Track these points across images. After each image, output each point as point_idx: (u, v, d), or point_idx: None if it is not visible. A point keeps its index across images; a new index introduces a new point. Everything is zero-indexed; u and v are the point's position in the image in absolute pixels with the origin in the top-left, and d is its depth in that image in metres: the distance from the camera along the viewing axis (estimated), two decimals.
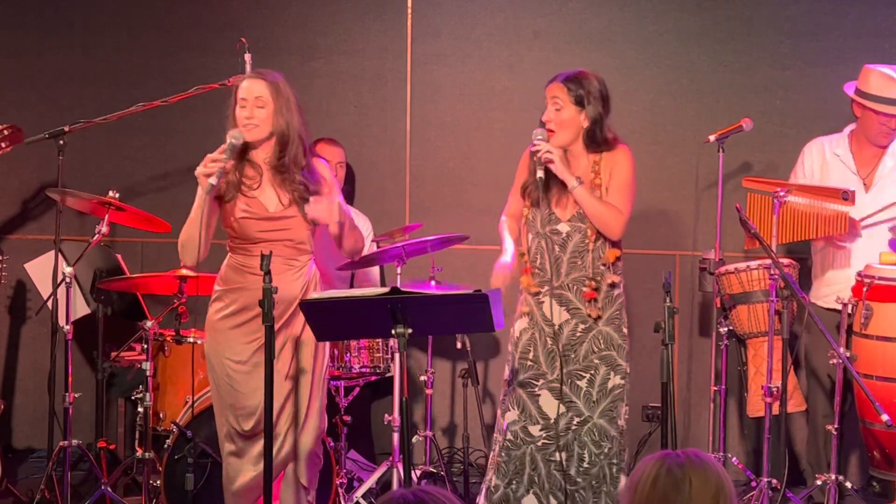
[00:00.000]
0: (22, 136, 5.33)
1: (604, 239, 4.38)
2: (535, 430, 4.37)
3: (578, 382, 4.33)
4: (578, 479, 4.33)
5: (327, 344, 4.39)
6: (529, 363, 4.41)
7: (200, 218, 4.08)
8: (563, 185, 4.35)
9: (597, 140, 4.36)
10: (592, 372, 4.33)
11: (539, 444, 4.36)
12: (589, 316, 4.37)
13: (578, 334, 4.35)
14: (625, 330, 4.43)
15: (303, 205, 4.21)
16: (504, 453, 4.43)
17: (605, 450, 4.35)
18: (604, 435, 4.35)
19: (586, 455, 4.33)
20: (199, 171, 4.09)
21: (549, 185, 4.36)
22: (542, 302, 4.41)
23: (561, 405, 4.34)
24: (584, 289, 4.36)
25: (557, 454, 4.33)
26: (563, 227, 4.39)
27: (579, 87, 4.35)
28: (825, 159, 5.39)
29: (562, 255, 4.39)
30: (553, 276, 4.37)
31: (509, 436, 4.42)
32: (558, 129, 4.36)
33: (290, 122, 4.22)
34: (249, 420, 4.22)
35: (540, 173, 4.30)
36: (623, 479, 4.35)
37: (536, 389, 4.38)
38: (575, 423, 4.33)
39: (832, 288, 5.33)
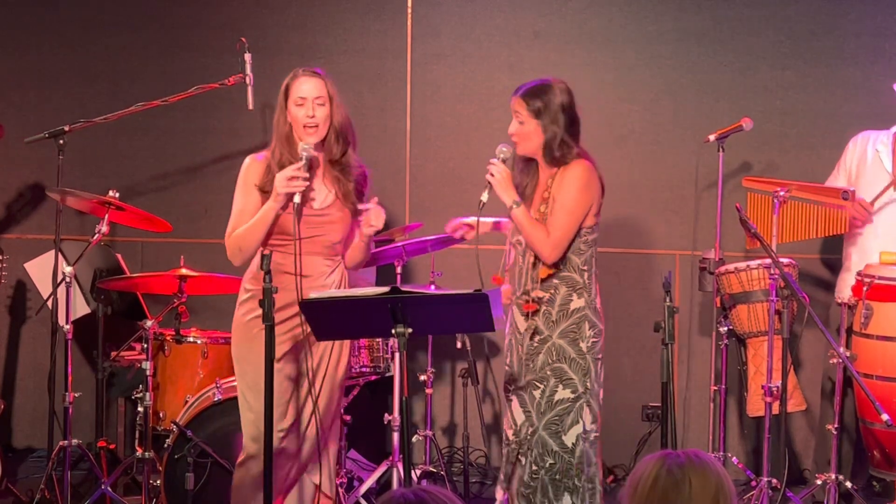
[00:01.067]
0: (2, 131, 5.34)
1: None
2: (509, 433, 4.36)
3: (534, 392, 4.27)
4: (532, 485, 4.29)
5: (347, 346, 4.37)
6: (506, 367, 4.41)
7: (269, 222, 4.09)
8: (533, 195, 4.30)
9: (552, 155, 4.25)
10: (544, 383, 4.26)
11: (512, 446, 4.35)
12: (535, 330, 4.27)
13: (535, 345, 4.29)
14: (582, 345, 4.23)
15: (349, 205, 4.21)
16: (504, 450, 4.44)
17: (547, 465, 4.24)
18: (546, 449, 4.24)
19: (533, 464, 4.28)
20: (283, 187, 4.06)
21: (523, 195, 4.32)
22: (513, 309, 4.39)
23: (523, 413, 4.31)
24: (521, 301, 4.31)
25: (522, 458, 4.31)
26: (524, 238, 4.34)
27: (537, 101, 4.24)
28: (865, 153, 5.34)
29: (522, 265, 4.35)
30: (515, 286, 4.34)
31: (504, 441, 4.43)
32: (520, 141, 4.29)
33: (346, 116, 4.25)
34: (280, 420, 4.20)
35: (484, 196, 4.23)
36: (567, 500, 4.22)
37: (510, 394, 4.37)
38: (529, 431, 4.29)
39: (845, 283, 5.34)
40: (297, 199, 4.06)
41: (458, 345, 5.45)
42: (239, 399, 4.33)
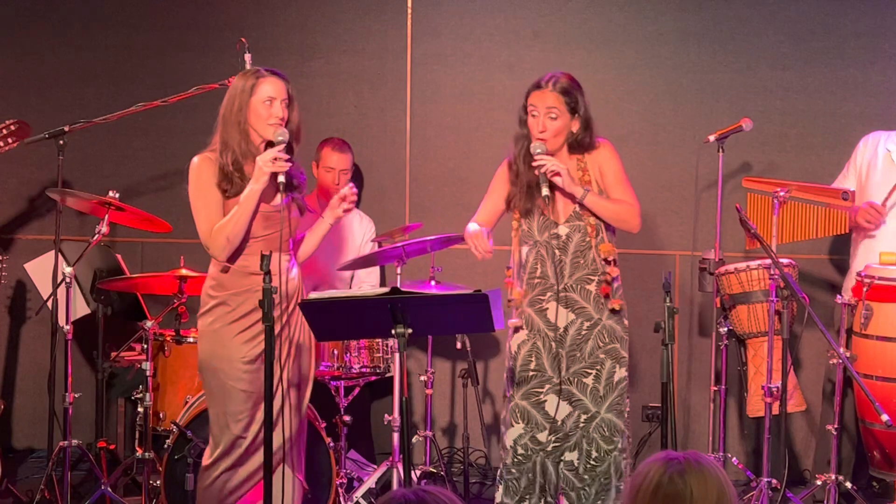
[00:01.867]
0: (29, 131, 5.34)
1: (603, 234, 4.40)
2: (542, 436, 4.37)
3: (585, 380, 4.35)
4: (585, 476, 4.33)
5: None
6: (532, 373, 4.41)
7: (254, 207, 4.12)
8: (552, 187, 4.35)
9: (583, 144, 4.42)
10: (598, 367, 4.36)
11: (549, 448, 4.36)
12: (610, 310, 4.40)
13: (584, 332, 4.38)
14: (626, 322, 4.48)
15: (299, 201, 4.27)
16: (514, 469, 4.42)
17: (618, 444, 4.38)
18: (614, 429, 4.38)
19: (594, 451, 4.33)
20: (269, 167, 4.09)
21: (534, 192, 4.36)
22: (546, 309, 4.41)
23: (567, 405, 4.34)
24: (590, 288, 4.38)
25: (568, 454, 4.34)
26: (563, 230, 4.40)
27: (572, 95, 4.38)
28: (876, 152, 5.34)
29: (563, 258, 4.40)
30: (557, 281, 4.38)
31: (519, 450, 4.42)
32: (554, 136, 4.37)
33: (297, 121, 4.28)
34: (254, 425, 4.21)
35: (545, 190, 4.29)
36: (629, 473, 4.36)
37: (542, 396, 4.38)
38: (582, 420, 4.34)
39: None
40: (281, 178, 4.09)
41: (458, 345, 5.45)
42: (210, 405, 4.31)
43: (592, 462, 4.33)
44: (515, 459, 4.41)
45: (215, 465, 4.27)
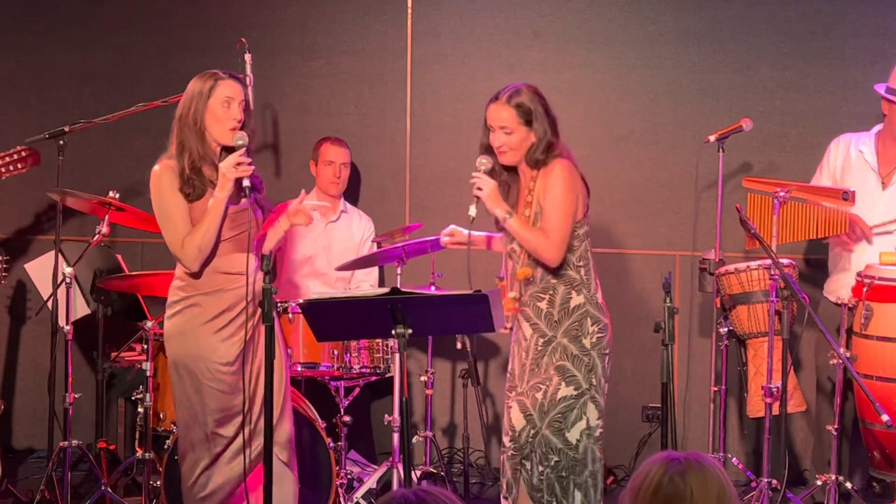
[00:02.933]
0: (39, 158, 5.33)
1: (524, 259, 4.30)
2: (506, 439, 4.35)
3: (536, 394, 4.26)
4: (541, 487, 4.29)
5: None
6: (508, 374, 4.41)
7: (222, 213, 4.11)
8: (517, 203, 4.31)
9: (537, 158, 4.26)
10: (547, 383, 4.26)
11: (509, 453, 4.34)
12: (546, 330, 4.29)
13: (539, 348, 4.29)
14: (585, 341, 4.25)
15: (259, 200, 4.27)
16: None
17: (552, 462, 4.23)
18: (549, 447, 4.23)
19: (539, 465, 4.28)
20: (232, 173, 4.08)
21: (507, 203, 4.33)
22: (517, 318, 4.39)
23: (523, 418, 4.30)
24: (541, 306, 4.28)
25: (526, 462, 4.30)
26: (517, 246, 4.34)
27: (526, 108, 4.24)
28: (849, 154, 5.39)
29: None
30: (518, 293, 4.35)
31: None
32: (509, 151, 4.27)
33: (254, 125, 4.31)
34: (231, 424, 4.21)
35: (472, 211, 4.21)
36: (578, 497, 4.23)
37: (510, 401, 4.36)
38: (531, 434, 4.28)
39: (840, 283, 5.36)
40: (246, 182, 4.08)
41: (458, 345, 5.45)
42: (179, 406, 4.29)
43: (540, 476, 4.28)
44: (502, 450, 4.42)
45: (193, 466, 4.26)
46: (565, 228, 4.21)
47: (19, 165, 5.28)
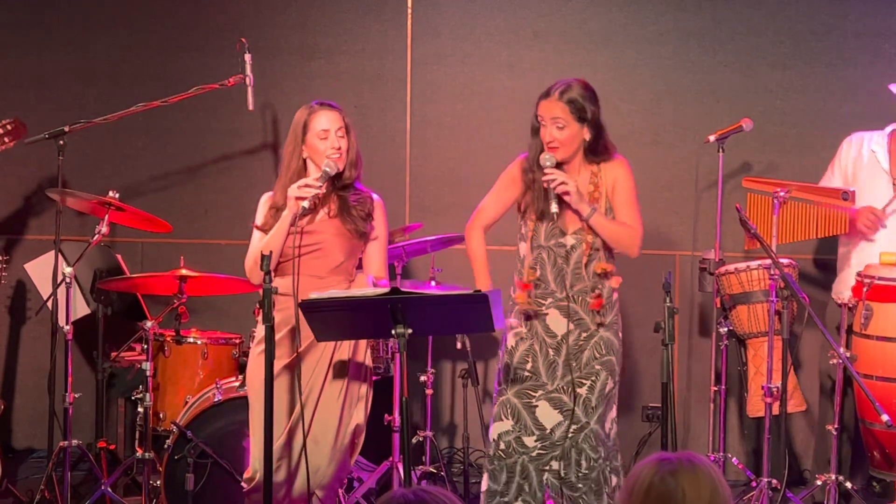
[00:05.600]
0: (25, 129, 5.34)
1: (600, 254, 4.38)
2: (529, 440, 4.35)
3: (579, 390, 4.31)
4: (580, 485, 4.31)
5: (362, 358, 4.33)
6: (527, 374, 4.39)
7: (282, 239, 4.13)
8: (561, 200, 4.33)
9: (597, 151, 4.36)
10: (594, 378, 4.31)
11: (534, 454, 4.34)
12: (598, 324, 4.36)
13: (581, 342, 4.34)
14: (621, 334, 4.44)
15: (349, 226, 4.22)
16: (495, 461, 4.41)
17: (602, 454, 4.34)
18: (599, 440, 4.34)
19: (584, 461, 4.31)
20: (294, 193, 4.13)
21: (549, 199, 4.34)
22: (546, 314, 4.39)
23: (558, 414, 4.32)
24: (589, 299, 4.36)
25: (554, 463, 4.31)
26: (569, 240, 4.37)
27: (581, 104, 4.29)
28: (860, 153, 5.36)
29: (565, 267, 4.38)
30: (558, 288, 4.37)
31: (501, 445, 4.40)
32: (562, 146, 4.32)
33: (355, 150, 4.33)
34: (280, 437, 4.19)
35: (555, 208, 4.26)
36: (615, 481, 4.34)
37: (534, 401, 4.36)
38: (572, 430, 4.30)
39: (846, 284, 5.34)
40: (305, 203, 4.10)
41: (458, 345, 5.45)
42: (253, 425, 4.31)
43: (584, 471, 4.30)
44: (497, 453, 4.40)
45: (252, 476, 4.26)
46: (641, 220, 4.41)
47: (6, 140, 5.28)
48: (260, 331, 4.22)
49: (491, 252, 4.65)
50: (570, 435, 4.30)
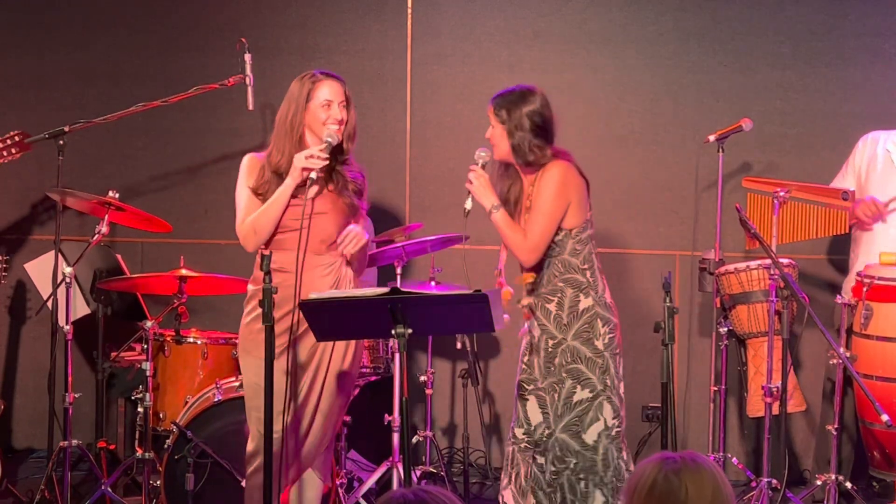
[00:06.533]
0: (29, 145, 5.34)
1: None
2: (518, 432, 4.35)
3: (553, 395, 4.29)
4: (554, 485, 4.30)
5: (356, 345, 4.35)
6: (524, 366, 4.40)
7: (284, 208, 4.13)
8: (520, 201, 4.32)
9: (525, 159, 4.27)
10: (559, 386, 4.28)
11: (521, 445, 4.34)
12: (554, 332, 4.30)
13: (550, 350, 4.30)
14: (598, 343, 4.26)
15: (345, 200, 4.22)
16: (507, 449, 4.44)
17: (571, 465, 4.26)
18: (566, 450, 4.26)
19: (551, 465, 4.29)
20: (301, 163, 4.11)
21: (507, 201, 4.35)
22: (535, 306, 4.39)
23: (541, 413, 4.31)
24: (550, 308, 4.28)
25: (539, 457, 4.31)
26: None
27: (502, 107, 4.29)
28: (875, 152, 5.34)
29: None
30: (527, 298, 4.37)
31: (509, 435, 4.43)
32: (493, 145, 4.34)
33: (353, 122, 4.31)
34: (279, 418, 4.19)
35: (468, 204, 4.26)
36: (598, 496, 4.24)
37: (526, 394, 4.36)
38: (545, 434, 4.30)
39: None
40: (313, 175, 4.10)
41: (458, 345, 5.45)
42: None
43: (553, 475, 4.30)
44: (510, 440, 4.42)
45: (251, 459, 4.27)
46: (545, 231, 4.23)
47: (13, 151, 5.28)
48: (248, 297, 4.27)
49: (490, 252, 4.65)
50: (545, 437, 4.29)
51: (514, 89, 4.35)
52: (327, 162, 4.14)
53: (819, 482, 5.01)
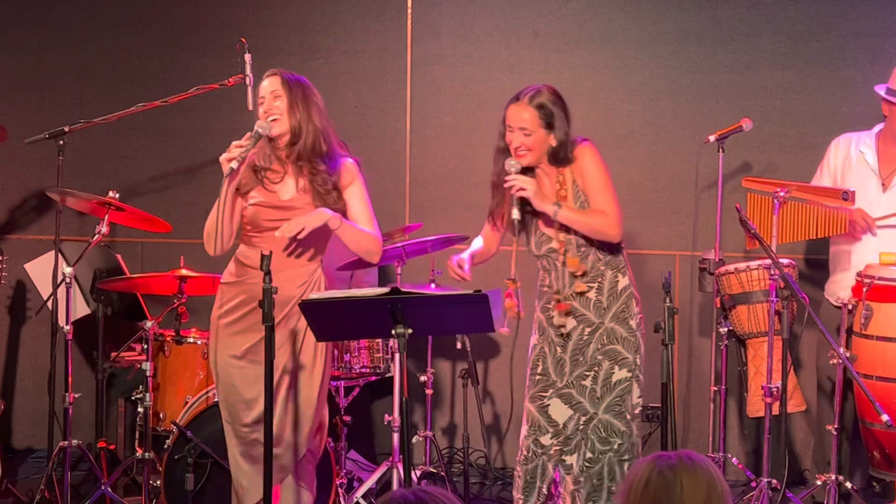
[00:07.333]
0: (5, 133, 5.35)
1: (572, 249, 4.33)
2: (545, 439, 4.36)
3: (584, 382, 4.32)
4: (580, 479, 4.32)
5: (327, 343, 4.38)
6: (538, 377, 4.40)
7: (222, 204, 4.12)
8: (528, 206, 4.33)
9: (559, 158, 4.30)
10: (596, 369, 4.32)
11: (551, 451, 4.35)
12: (593, 319, 4.35)
13: (585, 337, 4.34)
14: (632, 323, 4.36)
15: (318, 199, 4.21)
16: (519, 467, 4.43)
17: (615, 445, 4.32)
18: (611, 430, 4.32)
19: (589, 452, 4.31)
20: (223, 156, 4.15)
21: (528, 208, 4.34)
22: (553, 315, 4.39)
23: (568, 408, 4.33)
24: (590, 296, 4.32)
25: (567, 457, 4.32)
26: (556, 244, 4.36)
27: (547, 110, 4.26)
28: (849, 155, 5.38)
29: (563, 269, 4.37)
30: (559, 289, 4.37)
31: (524, 451, 4.42)
32: (529, 152, 4.29)
33: (306, 117, 4.25)
34: (248, 413, 4.21)
35: (515, 214, 4.25)
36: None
37: (545, 400, 4.37)
38: (582, 422, 4.32)
39: (840, 284, 5.35)
40: (233, 164, 4.10)
41: (458, 345, 5.45)
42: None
43: (587, 463, 4.32)
44: (521, 457, 4.42)
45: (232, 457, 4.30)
46: (616, 201, 4.32)
47: None
48: (223, 293, 4.26)
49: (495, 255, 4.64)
50: (580, 427, 4.31)
51: (538, 89, 4.30)
52: (247, 151, 4.13)
53: (819, 482, 5.01)
